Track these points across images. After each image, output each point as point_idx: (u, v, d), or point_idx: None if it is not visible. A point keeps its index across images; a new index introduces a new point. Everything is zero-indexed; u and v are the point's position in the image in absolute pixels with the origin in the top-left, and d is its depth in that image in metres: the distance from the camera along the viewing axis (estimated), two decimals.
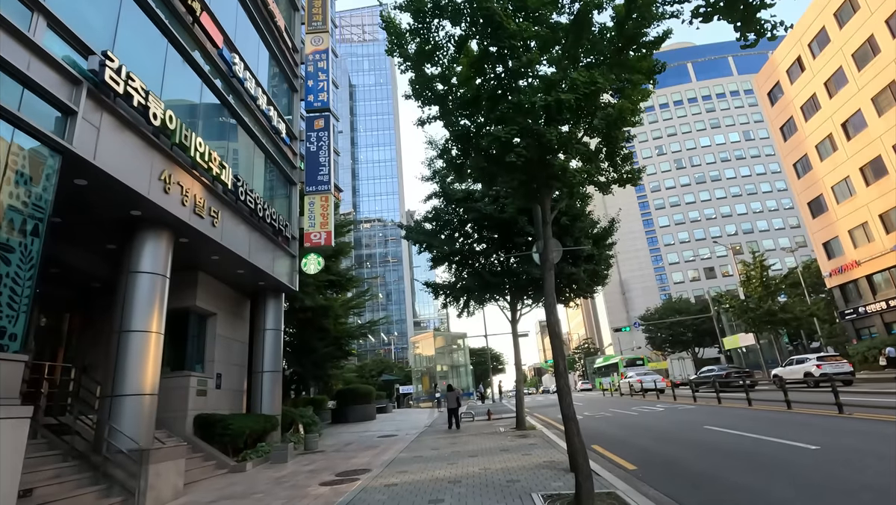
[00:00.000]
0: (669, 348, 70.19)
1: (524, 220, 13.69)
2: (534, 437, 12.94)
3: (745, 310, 32.64)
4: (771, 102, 43.57)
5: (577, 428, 6.36)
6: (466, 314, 16.88)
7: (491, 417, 19.82)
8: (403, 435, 16.04)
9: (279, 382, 14.51)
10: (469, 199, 14.91)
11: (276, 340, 14.72)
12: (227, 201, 11.29)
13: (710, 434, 11.16)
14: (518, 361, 15.70)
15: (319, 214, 16.24)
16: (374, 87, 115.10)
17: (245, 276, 13.29)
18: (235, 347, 14.11)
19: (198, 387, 11.77)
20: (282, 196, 16.20)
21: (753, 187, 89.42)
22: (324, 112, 17.47)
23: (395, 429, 18.59)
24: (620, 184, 7.57)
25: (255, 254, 12.62)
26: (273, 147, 14.93)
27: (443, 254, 15.89)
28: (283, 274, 14.72)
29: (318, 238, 15.96)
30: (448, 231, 16.17)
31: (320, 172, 16.72)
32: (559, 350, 6.86)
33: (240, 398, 14.08)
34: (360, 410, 23.14)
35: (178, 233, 9.94)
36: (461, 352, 46.99)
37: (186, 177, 9.75)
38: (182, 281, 12.07)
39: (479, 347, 68.40)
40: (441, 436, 14.97)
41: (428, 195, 15.79)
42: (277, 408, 14.21)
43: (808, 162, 38.75)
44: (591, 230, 15.09)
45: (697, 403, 19.93)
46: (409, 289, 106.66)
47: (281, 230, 14.04)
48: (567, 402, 6.53)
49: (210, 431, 11.21)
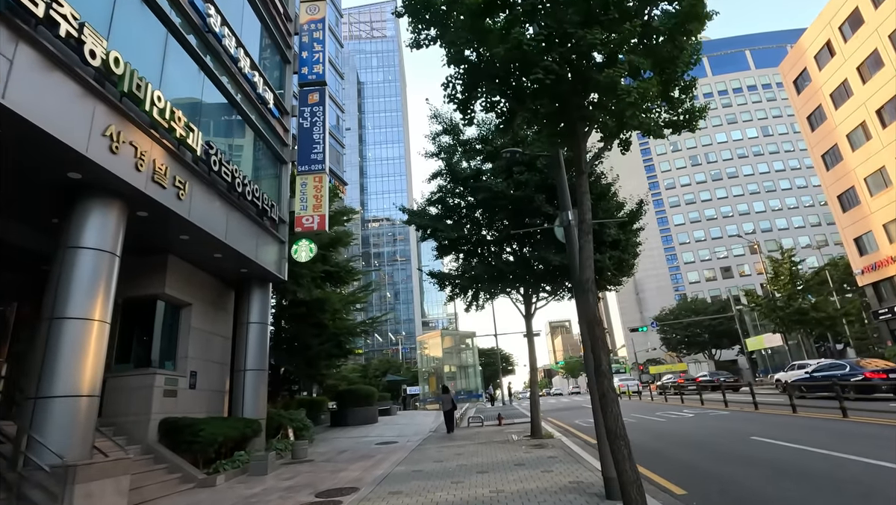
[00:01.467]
0: (685, 350, 67.96)
1: (541, 198, 11.99)
2: (552, 447, 11.24)
3: (773, 308, 30.57)
4: (797, 91, 41.39)
5: (629, 451, 4.67)
6: (475, 308, 15.19)
7: (502, 421, 18.13)
8: (404, 442, 14.41)
9: (264, 382, 12.94)
10: (477, 178, 13.24)
11: (262, 334, 13.16)
12: (198, 172, 9.73)
13: (764, 448, 9.39)
14: (533, 360, 14.00)
15: (312, 196, 14.67)
16: (382, 83, 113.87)
17: (224, 261, 11.73)
18: (215, 343, 12.57)
19: (165, 386, 10.22)
20: (270, 176, 14.65)
21: (772, 184, 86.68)
22: (319, 85, 15.92)
23: (397, 434, 16.96)
24: (675, 130, 5.85)
25: (234, 236, 11.06)
26: (259, 119, 13.39)
27: (449, 240, 14.26)
28: (270, 261, 13.15)
29: (311, 222, 14.39)
30: (455, 218, 14.52)
31: (314, 150, 15.15)
32: (601, 341, 5.18)
33: (220, 400, 12.54)
34: (360, 413, 21.54)
35: (133, 204, 8.40)
36: (470, 352, 45.25)
37: (142, 137, 8.20)
38: (148, 265, 10.57)
39: (488, 348, 66.68)
40: (446, 444, 13.31)
41: (433, 174, 14.14)
42: (262, 411, 12.64)
43: (837, 152, 36.56)
44: (617, 213, 13.36)
45: (730, 408, 18.08)
46: (417, 288, 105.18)
47: (266, 210, 12.48)
48: (613, 413, 4.87)
49: (177, 439, 9.66)
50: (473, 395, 42.73)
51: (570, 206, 7.72)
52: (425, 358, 46.14)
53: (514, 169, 12.12)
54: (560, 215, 7.74)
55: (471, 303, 15.05)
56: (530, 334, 14.15)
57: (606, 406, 5.02)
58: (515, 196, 11.95)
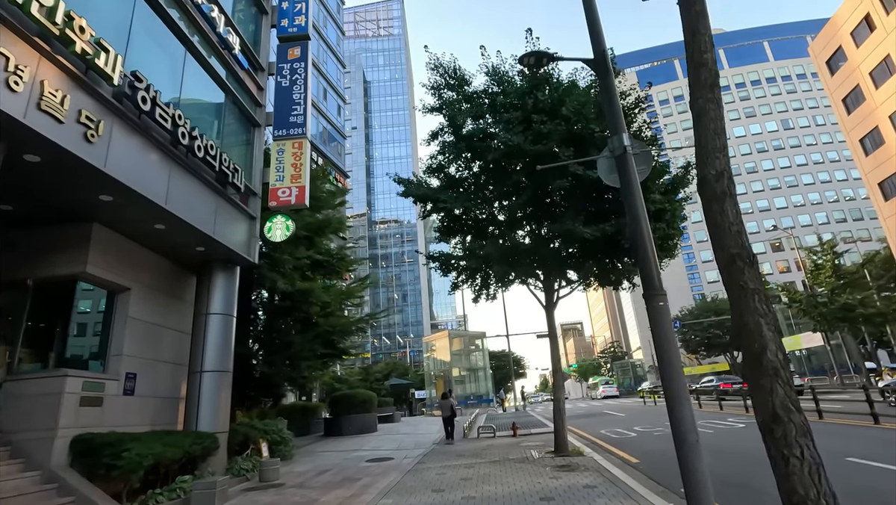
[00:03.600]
0: (704, 352, 64.76)
1: (567, 153, 9.52)
2: (585, 469, 8.74)
3: (814, 305, 27.68)
4: (830, 72, 38.44)
5: None
6: (485, 297, 12.67)
7: (517, 431, 15.61)
8: (400, 459, 11.96)
9: (227, 387, 10.57)
10: (486, 138, 10.79)
11: (225, 328, 10.80)
12: (121, 111, 7.42)
13: (874, 474, 6.84)
14: (556, 359, 11.48)
15: (290, 165, 12.35)
16: (389, 82, 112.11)
17: (171, 235, 9.40)
18: (167, 338, 10.24)
19: (83, 393, 7.88)
20: (241, 142, 12.35)
21: (794, 179, 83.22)
22: (300, 40, 13.64)
23: (395, 447, 14.52)
24: None
25: (181, 202, 8.73)
26: (223, 68, 11.09)
27: (452, 217, 11.86)
28: (236, 240, 10.82)
29: (288, 195, 12.05)
30: (460, 190, 12.13)
31: (293, 112, 12.85)
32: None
33: (172, 409, 10.20)
34: (357, 421, 19.11)
35: (12, 141, 6.09)
36: (480, 353, 42.66)
37: (20, 45, 5.90)
38: (65, 236, 8.27)
39: (498, 350, 64.09)
40: (450, 462, 10.84)
41: (432, 133, 11.71)
42: (223, 422, 10.27)
43: (878, 136, 33.58)
44: (659, 178, 10.85)
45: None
46: (425, 289, 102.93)
47: (227, 175, 10.14)
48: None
49: (93, 462, 7.31)
50: (484, 399, 40.11)
51: (624, 127, 5.28)
52: (432, 360, 43.65)
53: (534, 118, 9.65)
54: (610, 141, 5.29)
55: (479, 292, 12.56)
56: (552, 328, 11.65)
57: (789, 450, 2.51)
58: (535, 151, 9.47)
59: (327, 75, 39.64)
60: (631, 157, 5.07)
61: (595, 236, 9.57)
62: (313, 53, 38.45)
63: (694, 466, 4.09)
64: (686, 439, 4.17)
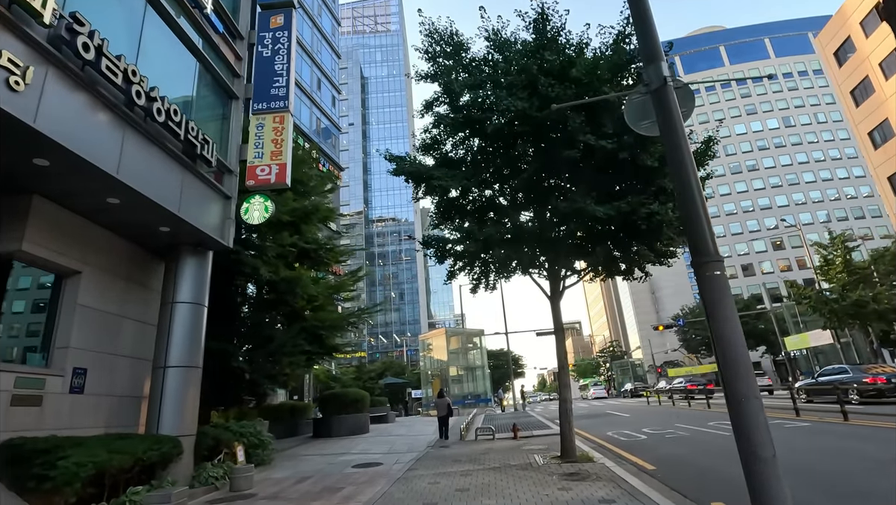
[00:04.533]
0: (705, 351, 63.83)
1: (578, 119, 8.42)
2: (598, 478, 7.66)
3: (824, 301, 26.65)
4: (839, 63, 37.46)
5: None
6: (484, 287, 11.56)
7: (518, 434, 14.52)
8: (391, 465, 10.86)
9: (195, 384, 9.44)
10: (486, 109, 9.67)
11: (195, 319, 9.67)
12: (58, 58, 6.30)
13: None
14: (563, 354, 10.38)
15: (270, 141, 11.23)
16: (386, 78, 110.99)
17: (128, 212, 8.29)
18: (127, 330, 9.13)
19: (16, 390, 6.77)
20: (216, 116, 11.24)
21: (795, 177, 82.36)
22: (284, 7, 12.53)
23: (386, 450, 13.43)
24: None
25: (137, 173, 7.62)
26: (194, 30, 9.96)
27: (447, 198, 10.77)
28: (208, 221, 9.71)
29: (267, 173, 10.94)
30: (458, 170, 11.04)
31: (275, 84, 11.75)
32: None
33: (132, 409, 9.10)
34: (348, 422, 17.99)
35: None
36: (478, 351, 41.55)
37: None
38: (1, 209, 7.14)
39: (495, 350, 63.08)
40: (444, 469, 9.74)
41: (426, 102, 10.58)
42: (190, 424, 9.14)
43: (888, 128, 32.60)
44: None
45: (804, 416, 14.38)
46: (423, 288, 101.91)
47: (195, 146, 9.01)
48: None
49: (23, 473, 6.20)
50: (482, 399, 39.00)
51: (661, 54, 4.18)
52: (429, 359, 42.54)
53: (540, 81, 8.53)
54: (644, 73, 4.19)
55: (478, 281, 11.45)
56: (557, 320, 10.54)
57: None
58: (541, 118, 8.37)
59: (321, 65, 38.50)
60: (672, 89, 3.98)
61: (609, 215, 8.49)
62: (307, 41, 37.29)
63: (770, 489, 3.01)
64: (757, 454, 3.09)
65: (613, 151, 8.44)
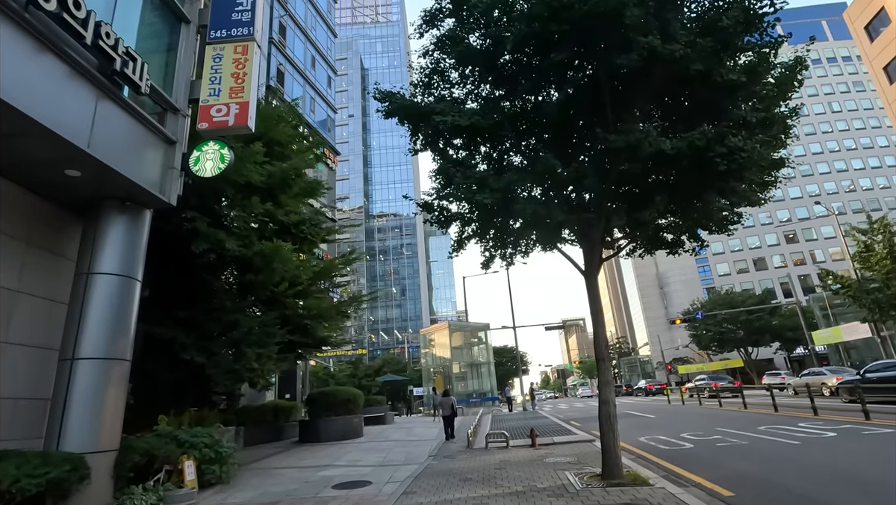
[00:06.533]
0: (717, 347, 61.36)
1: (638, 13, 6.03)
2: None
3: (866, 291, 24.22)
4: (870, 38, 34.93)
5: None
6: (500, 259, 9.15)
7: (536, 440, 12.18)
8: (382, 483, 8.53)
9: (120, 382, 7.11)
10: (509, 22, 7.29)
11: (123, 297, 7.35)
12: None
13: None
14: (604, 344, 7.97)
15: (230, 76, 8.89)
16: (387, 69, 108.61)
17: (10, 143, 5.96)
18: (26, 310, 6.85)
19: None
20: (161, 46, 8.91)
21: (808, 168, 79.73)
22: None
23: (378, 462, 11.11)
24: None
25: (16, 81, 5.30)
26: None
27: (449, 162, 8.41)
28: (139, 168, 7.39)
29: (224, 114, 8.60)
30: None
31: (237, 7, 9.41)
32: None
33: (35, 415, 6.79)
34: (337, 424, 15.66)
35: None
36: (483, 347, 39.18)
37: None
38: None
39: (499, 346, 60.86)
40: (452, 492, 7.39)
41: (427, 12, 8.18)
42: (110, 434, 6.82)
43: None
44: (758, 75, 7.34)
45: (874, 420, 12.01)
46: (424, 284, 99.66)
47: (114, 59, 6.67)
48: None
49: None
50: (487, 397, 36.64)
51: None
52: (430, 355, 40.22)
53: None
54: None
55: (494, 250, 9.04)
56: (595, 299, 8.16)
57: None
58: (587, 11, 5.98)
59: (316, 42, 36.12)
60: None
61: (679, 149, 6.12)
62: (300, 17, 34.91)
63: None
64: None
65: (685, 59, 6.07)
